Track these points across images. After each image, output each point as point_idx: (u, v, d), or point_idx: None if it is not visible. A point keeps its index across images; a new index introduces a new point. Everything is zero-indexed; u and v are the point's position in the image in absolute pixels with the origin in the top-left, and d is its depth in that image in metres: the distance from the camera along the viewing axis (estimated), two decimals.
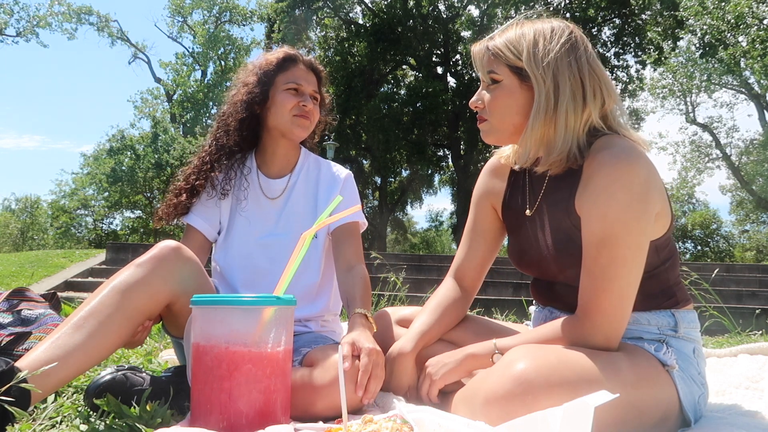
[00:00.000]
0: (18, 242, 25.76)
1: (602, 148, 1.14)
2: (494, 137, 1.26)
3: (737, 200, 26.03)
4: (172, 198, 1.67)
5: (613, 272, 1.09)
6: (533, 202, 1.30)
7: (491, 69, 1.21)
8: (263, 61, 1.67)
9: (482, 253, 1.44)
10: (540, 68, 1.14)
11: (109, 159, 22.23)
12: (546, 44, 1.15)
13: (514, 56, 1.17)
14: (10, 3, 23.17)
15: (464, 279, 1.45)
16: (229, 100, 1.69)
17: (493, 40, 1.22)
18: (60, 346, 1.15)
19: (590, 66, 1.17)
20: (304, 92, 1.65)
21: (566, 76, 1.14)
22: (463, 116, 19.97)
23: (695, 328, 1.23)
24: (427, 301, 1.45)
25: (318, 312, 1.65)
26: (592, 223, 1.12)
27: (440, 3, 20.60)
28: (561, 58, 1.15)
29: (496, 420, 0.97)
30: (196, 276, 1.35)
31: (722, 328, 3.49)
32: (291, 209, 1.67)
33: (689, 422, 1.16)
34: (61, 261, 9.59)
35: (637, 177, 1.09)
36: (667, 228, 1.19)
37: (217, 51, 28.18)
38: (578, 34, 1.20)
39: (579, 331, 1.12)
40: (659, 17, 17.79)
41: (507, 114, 1.21)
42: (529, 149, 1.19)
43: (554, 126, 1.15)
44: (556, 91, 1.14)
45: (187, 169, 1.70)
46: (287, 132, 1.64)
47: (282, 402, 1.10)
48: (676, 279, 1.24)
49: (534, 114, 1.16)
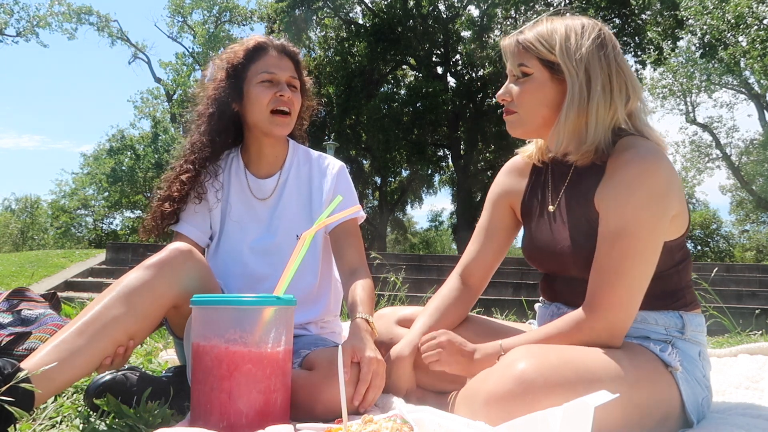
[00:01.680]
0: (18, 242, 25.75)
1: (628, 147, 1.16)
2: (521, 129, 1.28)
3: (737, 200, 26.02)
4: (158, 208, 1.55)
5: (624, 267, 1.11)
6: (555, 198, 1.30)
7: (522, 62, 1.23)
8: (231, 54, 1.56)
9: (493, 253, 1.44)
10: (573, 61, 1.17)
11: (109, 159, 22.26)
12: (578, 39, 1.18)
13: (546, 50, 1.19)
14: (10, 3, 23.15)
15: (471, 277, 1.45)
16: (204, 100, 1.58)
17: (523, 34, 1.23)
18: (65, 348, 1.14)
19: (618, 63, 1.20)
20: (279, 80, 1.52)
21: (597, 71, 1.17)
22: (463, 116, 19.98)
23: (702, 332, 1.24)
24: (430, 301, 1.45)
25: (318, 315, 1.61)
26: (610, 216, 1.14)
27: (440, 3, 20.59)
28: (592, 53, 1.17)
29: (496, 420, 0.97)
30: (204, 279, 1.32)
31: (722, 328, 3.48)
32: (283, 209, 1.59)
33: (691, 423, 1.15)
34: (61, 261, 9.58)
35: (659, 177, 1.11)
36: (683, 231, 1.20)
37: (217, 51, 28.04)
38: (607, 32, 1.22)
39: (584, 325, 1.13)
40: (659, 17, 17.78)
41: (537, 106, 1.23)
42: (561, 139, 1.21)
43: (586, 118, 1.17)
44: (588, 84, 1.17)
45: (171, 175, 1.58)
46: (267, 130, 1.54)
47: (282, 402, 1.10)
48: (687, 282, 1.25)
49: (567, 105, 1.18)
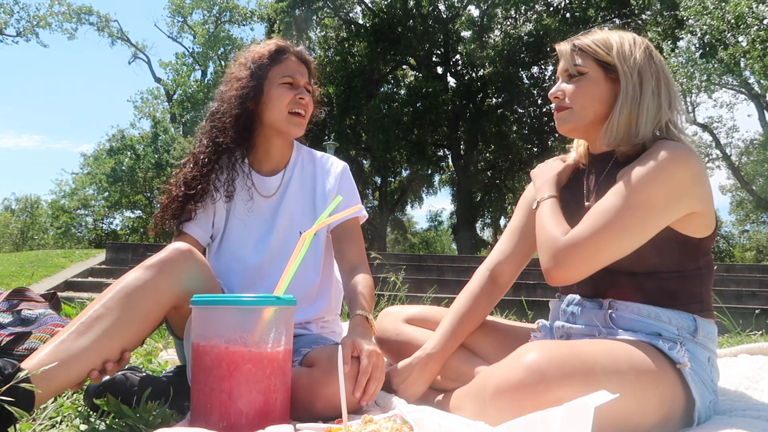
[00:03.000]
0: (18, 242, 25.74)
1: (666, 143, 1.22)
2: (572, 125, 1.34)
3: (737, 200, 26.02)
4: (170, 204, 1.56)
5: (606, 220, 1.16)
6: (590, 194, 1.36)
7: (577, 62, 1.32)
8: (255, 54, 1.61)
9: (524, 252, 1.50)
10: (628, 63, 1.28)
11: (109, 159, 22.25)
12: (631, 47, 1.30)
13: (603, 51, 1.30)
14: (10, 3, 23.17)
15: (501, 275, 1.50)
16: (220, 97, 1.61)
17: (579, 39, 1.35)
18: (65, 349, 1.14)
19: (664, 74, 1.30)
20: (299, 84, 1.59)
21: (648, 75, 1.28)
22: (463, 116, 19.97)
23: (713, 340, 1.25)
24: (458, 296, 1.49)
25: (318, 313, 1.62)
26: (623, 179, 1.19)
27: (440, 3, 20.59)
28: (644, 60, 1.28)
29: (505, 409, 0.99)
30: (204, 279, 1.32)
31: (722, 328, 3.48)
32: (287, 207, 1.61)
33: (693, 422, 1.15)
34: (61, 261, 9.57)
35: (687, 168, 1.16)
36: (708, 233, 1.23)
37: (217, 51, 28.15)
38: (653, 47, 1.33)
39: (554, 250, 1.20)
40: (659, 17, 17.76)
41: (591, 102, 1.31)
42: (614, 133, 1.28)
43: (637, 115, 1.26)
44: (640, 85, 1.27)
45: (185, 172, 1.59)
46: (284, 130, 1.58)
47: (282, 402, 1.10)
48: (707, 290, 1.27)
49: (622, 102, 1.27)
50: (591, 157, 1.40)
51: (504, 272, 1.49)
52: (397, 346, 1.49)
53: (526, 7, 18.72)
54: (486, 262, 1.52)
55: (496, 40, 19.73)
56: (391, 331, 1.51)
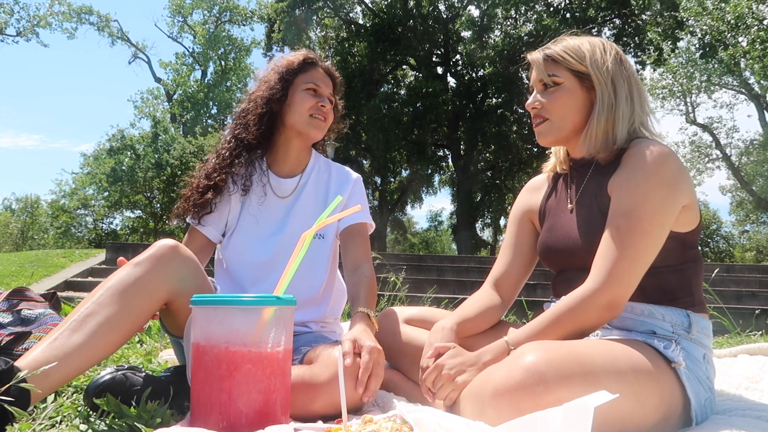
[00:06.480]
0: (18, 242, 25.74)
1: (642, 143, 1.25)
2: (553, 137, 1.37)
3: (737, 200, 26.03)
4: (192, 196, 1.65)
5: (630, 240, 1.16)
6: (574, 197, 1.38)
7: (552, 72, 1.34)
8: (285, 62, 1.72)
9: (520, 266, 1.52)
10: (601, 71, 1.30)
11: (109, 159, 22.20)
12: (602, 54, 1.32)
13: (575, 60, 1.32)
14: (10, 3, 23.17)
15: (502, 288, 1.51)
16: (248, 97, 1.72)
17: (550, 49, 1.36)
18: (59, 346, 1.15)
19: (634, 78, 1.34)
20: (322, 94, 1.69)
21: (620, 81, 1.30)
22: (463, 116, 19.97)
23: (707, 336, 1.26)
24: (463, 304, 1.49)
25: (320, 315, 1.65)
26: (622, 196, 1.21)
27: (440, 3, 20.58)
28: (615, 66, 1.31)
29: (504, 410, 0.99)
30: (194, 275, 1.35)
31: (722, 329, 3.49)
32: (300, 209, 1.68)
33: (692, 422, 1.16)
34: (61, 261, 9.57)
35: (670, 166, 1.20)
36: (694, 225, 1.26)
37: (217, 51, 28.16)
38: (621, 51, 1.36)
39: (589, 299, 1.16)
40: (659, 18, 17.77)
41: (568, 112, 1.33)
42: (593, 141, 1.31)
43: (613, 123, 1.29)
44: (614, 93, 1.30)
45: (207, 166, 1.70)
46: (303, 131, 1.67)
47: (282, 402, 1.10)
48: (697, 284, 1.29)
49: (598, 110, 1.30)
50: (572, 161, 1.43)
51: (503, 285, 1.51)
52: (396, 347, 1.49)
53: (526, 7, 18.71)
54: (489, 276, 1.54)
55: (496, 41, 19.73)
56: (390, 332, 1.50)
